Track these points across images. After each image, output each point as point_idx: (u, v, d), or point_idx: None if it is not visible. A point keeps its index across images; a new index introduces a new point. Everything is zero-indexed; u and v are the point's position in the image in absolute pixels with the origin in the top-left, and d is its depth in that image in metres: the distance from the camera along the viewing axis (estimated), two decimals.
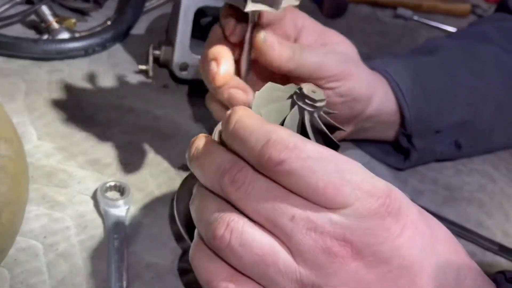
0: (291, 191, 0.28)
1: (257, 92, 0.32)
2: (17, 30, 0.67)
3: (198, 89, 0.62)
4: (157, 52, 0.63)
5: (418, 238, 0.29)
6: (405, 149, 0.58)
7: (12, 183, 0.41)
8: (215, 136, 0.34)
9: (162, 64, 0.64)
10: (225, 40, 0.47)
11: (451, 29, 0.98)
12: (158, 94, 0.62)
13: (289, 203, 0.28)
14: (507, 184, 0.61)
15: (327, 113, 0.33)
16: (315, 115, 0.31)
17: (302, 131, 0.32)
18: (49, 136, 0.53)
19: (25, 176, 0.43)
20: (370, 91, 0.52)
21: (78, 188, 0.48)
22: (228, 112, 0.31)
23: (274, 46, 0.44)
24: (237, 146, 0.29)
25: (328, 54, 0.48)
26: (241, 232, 0.28)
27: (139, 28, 0.74)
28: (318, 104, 0.31)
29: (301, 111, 0.31)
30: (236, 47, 0.47)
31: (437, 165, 0.61)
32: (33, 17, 0.67)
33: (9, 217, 0.39)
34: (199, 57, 0.60)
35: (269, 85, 0.33)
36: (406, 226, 0.28)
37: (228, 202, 0.29)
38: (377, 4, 1.01)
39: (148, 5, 0.77)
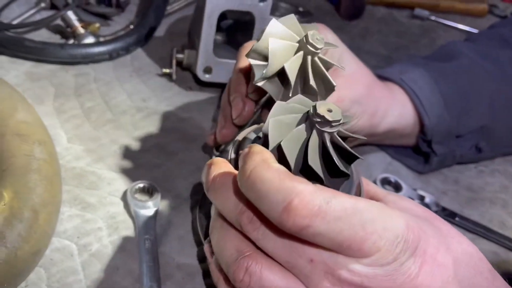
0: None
1: (270, 120, 0.31)
2: (43, 35, 0.69)
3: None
4: (180, 55, 0.64)
5: (438, 271, 0.29)
6: (424, 153, 0.58)
7: (47, 185, 0.42)
8: (231, 153, 0.34)
9: (185, 67, 0.66)
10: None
11: (469, 29, 0.98)
12: (181, 96, 0.63)
13: (308, 246, 0.28)
14: None
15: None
16: (335, 133, 0.31)
17: (323, 151, 0.31)
18: (78, 138, 0.54)
19: (58, 178, 0.45)
20: (375, 119, 0.52)
21: (108, 190, 0.49)
22: (243, 153, 0.30)
23: None
24: (254, 200, 0.28)
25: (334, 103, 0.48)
26: (260, 277, 0.29)
27: (160, 32, 0.75)
28: (336, 124, 0.30)
29: (320, 133, 0.30)
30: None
31: (459, 166, 0.61)
32: (58, 22, 0.69)
33: (46, 218, 0.40)
34: (222, 60, 0.62)
35: (278, 106, 0.31)
36: (425, 262, 0.29)
37: (247, 237, 0.30)
38: (394, 5, 1.02)
39: (168, 8, 0.79)
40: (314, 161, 0.30)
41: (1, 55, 0.63)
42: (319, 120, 0.29)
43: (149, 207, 0.47)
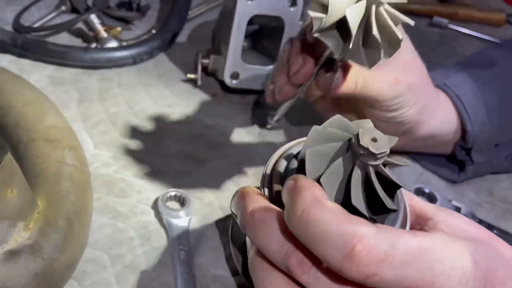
0: None
1: (306, 151, 0.28)
2: (64, 39, 0.68)
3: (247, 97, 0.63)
4: (205, 61, 0.63)
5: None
6: (460, 162, 0.57)
7: (80, 192, 0.40)
8: (264, 189, 0.31)
9: (210, 72, 0.64)
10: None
11: (488, 38, 0.97)
12: (207, 103, 0.62)
13: None
14: None
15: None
16: (370, 168, 0.27)
17: (366, 184, 0.28)
18: (104, 145, 0.52)
19: (89, 186, 0.43)
20: (422, 117, 0.50)
21: (138, 198, 0.47)
22: (289, 187, 0.27)
23: (340, 87, 0.44)
24: (308, 244, 0.26)
25: (391, 86, 0.46)
26: None
27: (182, 37, 0.73)
28: (382, 156, 0.27)
29: (364, 167, 0.27)
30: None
31: (491, 177, 0.59)
32: (79, 25, 0.68)
33: (80, 228, 0.39)
34: (249, 65, 0.61)
35: (315, 132, 0.29)
36: (494, 285, 0.27)
37: (294, 279, 0.27)
38: (413, 13, 1.01)
39: (190, 13, 0.77)
40: (358, 200, 0.27)
41: (23, 59, 0.61)
42: (363, 152, 0.27)
43: (181, 217, 0.45)
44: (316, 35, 0.36)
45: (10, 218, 0.33)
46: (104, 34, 0.65)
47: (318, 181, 0.28)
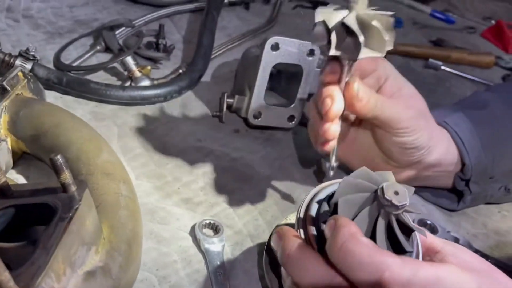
0: None
1: (339, 200, 0.35)
2: (100, 77, 0.74)
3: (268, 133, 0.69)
4: (230, 100, 0.70)
5: None
6: (458, 192, 0.63)
7: (134, 220, 0.46)
8: (300, 232, 0.37)
9: (233, 110, 0.71)
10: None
11: (478, 79, 1.06)
12: (231, 137, 0.69)
13: None
14: None
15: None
16: (392, 217, 0.34)
17: (388, 229, 0.34)
18: (145, 176, 0.59)
19: (140, 214, 0.49)
20: (431, 142, 0.57)
21: (177, 225, 0.53)
22: (330, 225, 0.34)
23: (363, 98, 0.50)
24: (345, 271, 0.33)
25: (405, 110, 0.53)
26: None
27: (206, 76, 0.81)
28: (402, 206, 0.33)
29: (387, 215, 0.34)
30: None
31: (485, 211, 0.66)
32: (114, 64, 0.75)
33: (137, 251, 0.45)
34: (270, 106, 0.68)
35: (345, 184, 0.35)
36: None
37: None
38: (409, 55, 1.10)
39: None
40: (382, 243, 0.34)
41: (67, 95, 0.68)
42: (387, 203, 0.33)
43: (216, 243, 0.51)
44: (332, 53, 0.43)
45: (87, 243, 0.39)
46: (138, 73, 0.72)
47: None
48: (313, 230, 0.37)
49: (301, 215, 0.39)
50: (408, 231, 0.36)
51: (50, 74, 0.67)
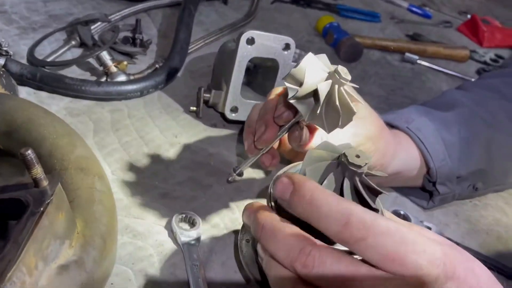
0: (362, 259, 0.34)
1: (306, 169, 0.37)
2: (75, 72, 0.74)
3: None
4: (207, 95, 0.70)
5: None
6: (429, 192, 0.65)
7: (109, 215, 0.46)
8: (270, 202, 0.40)
9: (210, 105, 0.71)
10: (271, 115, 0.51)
11: (454, 73, 1.08)
12: (208, 132, 0.69)
13: (357, 276, 0.34)
14: None
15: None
16: (356, 178, 0.37)
17: (355, 191, 0.37)
18: (121, 171, 0.58)
19: (115, 209, 0.49)
20: (385, 159, 0.58)
21: (154, 219, 0.54)
22: (292, 182, 0.36)
23: (308, 143, 0.50)
24: (314, 219, 0.35)
25: (351, 138, 0.53)
26: None
27: (182, 70, 0.81)
28: (364, 168, 0.36)
29: (352, 177, 0.37)
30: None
31: (457, 201, 0.68)
32: (89, 59, 0.74)
33: (111, 245, 0.45)
34: (247, 100, 0.68)
35: (310, 155, 0.38)
36: (460, 284, 0.34)
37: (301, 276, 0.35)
38: (386, 49, 1.11)
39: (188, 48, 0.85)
40: (347, 197, 0.36)
41: (41, 91, 0.67)
42: (350, 166, 0.36)
43: (192, 236, 0.52)
44: (291, 101, 0.45)
45: (60, 237, 0.39)
46: (114, 69, 0.71)
47: None
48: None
49: (272, 189, 0.41)
50: (374, 192, 0.38)
51: (23, 70, 0.66)
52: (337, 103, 0.42)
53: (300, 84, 0.42)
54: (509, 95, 0.71)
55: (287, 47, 0.66)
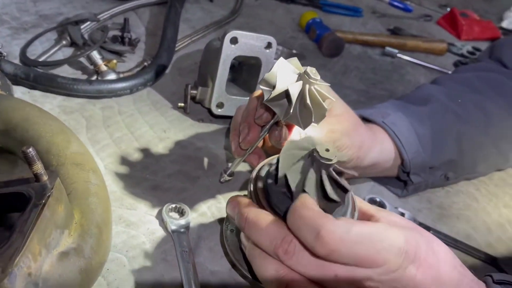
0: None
1: (281, 154, 0.41)
2: (67, 71, 0.77)
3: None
4: (194, 91, 0.73)
5: (429, 271, 0.40)
6: (403, 181, 0.70)
7: (104, 206, 0.50)
8: (250, 186, 0.44)
9: (197, 101, 0.75)
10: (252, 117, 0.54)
11: (432, 66, 1.13)
12: (195, 127, 0.73)
13: (332, 264, 0.38)
14: (488, 204, 0.73)
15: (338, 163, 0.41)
16: (330, 168, 0.40)
17: (321, 184, 0.40)
18: (113, 165, 0.62)
19: (109, 201, 0.53)
20: (361, 152, 0.62)
21: (145, 210, 0.57)
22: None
23: (287, 138, 0.53)
24: (295, 229, 0.39)
25: (328, 134, 0.57)
26: None
27: (170, 68, 0.84)
28: (331, 162, 0.39)
29: (318, 168, 0.40)
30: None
31: (429, 188, 0.73)
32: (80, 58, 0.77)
33: (106, 234, 0.48)
34: (232, 96, 0.72)
35: (289, 143, 0.41)
36: (420, 265, 0.39)
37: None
38: (367, 44, 1.15)
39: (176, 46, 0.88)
40: (310, 189, 0.40)
41: (34, 90, 0.70)
42: (319, 158, 0.39)
43: (182, 224, 0.56)
44: (266, 103, 0.49)
45: (60, 227, 0.42)
46: (104, 67, 0.74)
47: (285, 176, 0.40)
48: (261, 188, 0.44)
49: (253, 175, 0.45)
50: (343, 190, 0.41)
51: (17, 70, 0.69)
52: (308, 101, 0.46)
53: (273, 87, 0.46)
54: (480, 88, 0.75)
55: (269, 45, 0.70)
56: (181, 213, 0.58)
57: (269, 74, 0.47)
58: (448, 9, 1.48)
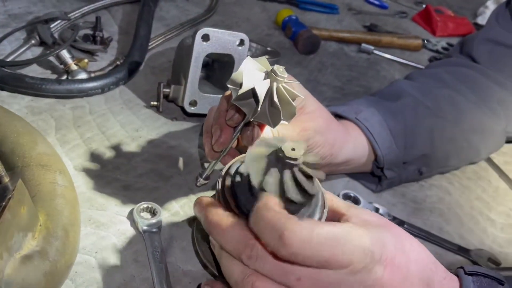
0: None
1: (249, 166, 0.40)
2: (36, 71, 0.75)
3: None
4: (166, 90, 0.73)
5: (397, 271, 0.40)
6: (377, 176, 0.70)
7: (71, 208, 0.49)
8: (218, 185, 0.44)
9: (170, 100, 0.74)
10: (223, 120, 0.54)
11: (407, 62, 1.14)
12: (169, 126, 0.72)
13: (296, 268, 0.38)
14: (460, 196, 0.74)
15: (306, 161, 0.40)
16: (295, 168, 0.39)
17: (295, 180, 0.39)
18: (83, 166, 0.61)
19: (77, 202, 0.52)
20: (334, 149, 0.62)
21: (116, 210, 0.56)
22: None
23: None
24: (259, 232, 0.38)
25: (301, 133, 0.57)
26: None
27: (143, 66, 0.83)
28: (296, 162, 0.39)
29: (283, 167, 0.39)
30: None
31: (404, 183, 0.73)
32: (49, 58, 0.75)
33: (74, 236, 0.47)
34: (205, 94, 0.71)
35: (257, 143, 0.41)
36: (387, 266, 0.39)
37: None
38: (343, 41, 1.16)
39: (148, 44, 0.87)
40: (271, 188, 0.39)
41: (1, 91, 0.68)
42: (283, 157, 0.39)
43: (153, 224, 0.55)
44: (234, 103, 0.48)
45: (23, 230, 0.41)
46: (74, 67, 0.73)
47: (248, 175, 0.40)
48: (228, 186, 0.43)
49: (222, 173, 0.45)
50: (306, 190, 0.40)
51: None
52: (276, 100, 0.45)
53: (240, 86, 0.46)
54: (451, 83, 0.76)
55: (241, 42, 0.69)
56: (153, 213, 0.57)
57: (236, 73, 0.47)
58: (424, 6, 1.50)
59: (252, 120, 0.49)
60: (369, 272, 0.38)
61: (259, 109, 0.46)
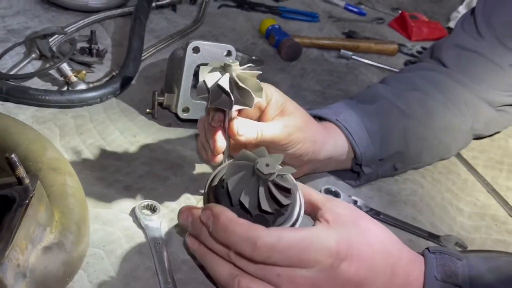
0: None
1: (227, 165, 0.46)
2: (38, 83, 0.81)
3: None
4: (161, 98, 0.79)
5: (362, 265, 0.46)
6: (356, 172, 0.77)
7: (81, 206, 0.55)
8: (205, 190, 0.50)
9: (164, 107, 0.80)
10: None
11: (384, 66, 1.21)
12: (164, 132, 0.78)
13: (272, 267, 0.45)
14: (432, 189, 0.81)
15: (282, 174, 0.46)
16: (269, 182, 0.45)
17: (270, 192, 0.45)
18: (87, 170, 0.67)
19: (86, 201, 0.57)
20: (316, 146, 0.68)
21: (119, 208, 0.62)
22: (207, 214, 0.47)
23: (244, 134, 0.58)
24: (231, 245, 0.45)
25: (283, 129, 0.62)
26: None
27: (137, 77, 0.89)
28: (271, 177, 0.44)
29: (257, 181, 0.45)
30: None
31: (380, 178, 0.80)
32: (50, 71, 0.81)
33: (85, 231, 0.53)
34: (197, 101, 0.78)
35: (231, 165, 0.46)
36: (353, 262, 0.46)
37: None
38: (324, 47, 1.23)
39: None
40: (245, 200, 0.45)
41: (7, 102, 0.74)
42: (261, 175, 0.44)
43: (154, 220, 0.61)
44: (211, 106, 0.54)
45: (43, 225, 0.47)
46: (74, 78, 0.79)
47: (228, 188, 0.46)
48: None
49: (208, 180, 0.51)
50: (287, 190, 0.47)
51: None
52: (241, 84, 0.52)
53: (207, 91, 0.52)
54: (422, 86, 0.83)
55: (228, 53, 0.76)
56: (153, 209, 0.63)
57: (199, 84, 0.53)
58: (400, 12, 1.58)
59: (231, 111, 0.54)
60: (336, 269, 0.45)
61: (233, 98, 0.52)
